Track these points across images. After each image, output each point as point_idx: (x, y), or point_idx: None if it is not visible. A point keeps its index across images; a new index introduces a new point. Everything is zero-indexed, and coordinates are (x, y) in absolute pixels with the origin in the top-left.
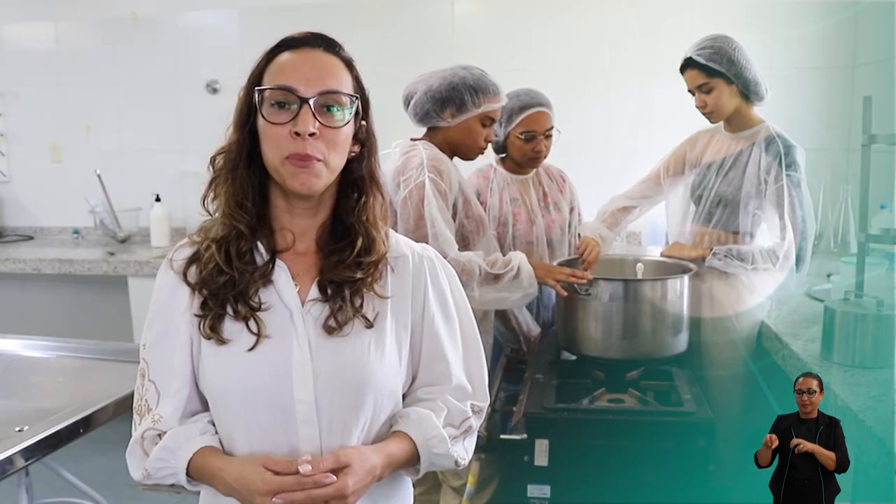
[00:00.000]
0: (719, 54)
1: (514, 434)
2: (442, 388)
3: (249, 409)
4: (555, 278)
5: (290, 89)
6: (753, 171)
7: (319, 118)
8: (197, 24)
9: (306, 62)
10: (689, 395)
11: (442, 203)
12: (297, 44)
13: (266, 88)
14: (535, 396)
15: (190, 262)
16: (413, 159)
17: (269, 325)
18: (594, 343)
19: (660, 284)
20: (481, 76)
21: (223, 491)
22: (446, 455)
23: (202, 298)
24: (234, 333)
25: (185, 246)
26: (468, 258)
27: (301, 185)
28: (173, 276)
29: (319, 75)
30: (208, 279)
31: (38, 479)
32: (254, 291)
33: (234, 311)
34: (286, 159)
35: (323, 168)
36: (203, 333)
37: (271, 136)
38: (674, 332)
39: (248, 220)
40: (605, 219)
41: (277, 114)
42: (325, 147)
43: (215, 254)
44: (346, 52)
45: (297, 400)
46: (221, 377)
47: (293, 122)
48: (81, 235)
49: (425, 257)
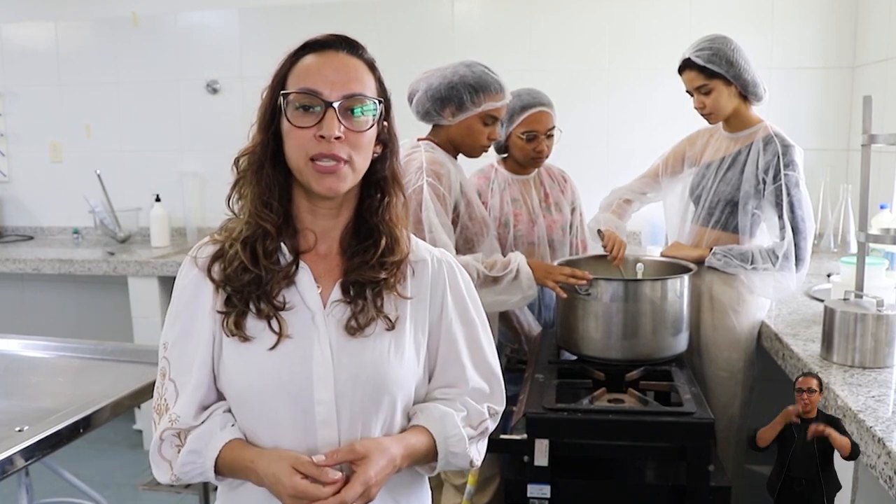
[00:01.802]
0: (718, 55)
1: (514, 434)
2: (459, 389)
3: (269, 408)
4: (554, 279)
5: (314, 93)
6: (752, 171)
7: (344, 121)
8: (197, 24)
9: (330, 65)
10: (689, 395)
11: (440, 208)
12: (321, 46)
13: (291, 92)
14: (535, 396)
15: (214, 259)
16: (412, 163)
17: (291, 326)
18: (594, 343)
19: (660, 284)
20: (482, 74)
21: (255, 482)
22: (463, 454)
23: (226, 295)
24: (257, 331)
25: (207, 244)
26: (465, 261)
27: (327, 189)
28: (197, 273)
29: (344, 78)
30: (233, 276)
31: (38, 479)
32: (277, 291)
33: (258, 309)
34: (310, 161)
35: (349, 171)
36: (226, 331)
37: (296, 138)
38: (674, 332)
39: (274, 220)
40: (614, 210)
41: (302, 117)
42: (351, 149)
43: (240, 252)
44: (368, 54)
45: (317, 401)
46: (242, 375)
47: (318, 126)
48: (81, 235)
49: (444, 262)
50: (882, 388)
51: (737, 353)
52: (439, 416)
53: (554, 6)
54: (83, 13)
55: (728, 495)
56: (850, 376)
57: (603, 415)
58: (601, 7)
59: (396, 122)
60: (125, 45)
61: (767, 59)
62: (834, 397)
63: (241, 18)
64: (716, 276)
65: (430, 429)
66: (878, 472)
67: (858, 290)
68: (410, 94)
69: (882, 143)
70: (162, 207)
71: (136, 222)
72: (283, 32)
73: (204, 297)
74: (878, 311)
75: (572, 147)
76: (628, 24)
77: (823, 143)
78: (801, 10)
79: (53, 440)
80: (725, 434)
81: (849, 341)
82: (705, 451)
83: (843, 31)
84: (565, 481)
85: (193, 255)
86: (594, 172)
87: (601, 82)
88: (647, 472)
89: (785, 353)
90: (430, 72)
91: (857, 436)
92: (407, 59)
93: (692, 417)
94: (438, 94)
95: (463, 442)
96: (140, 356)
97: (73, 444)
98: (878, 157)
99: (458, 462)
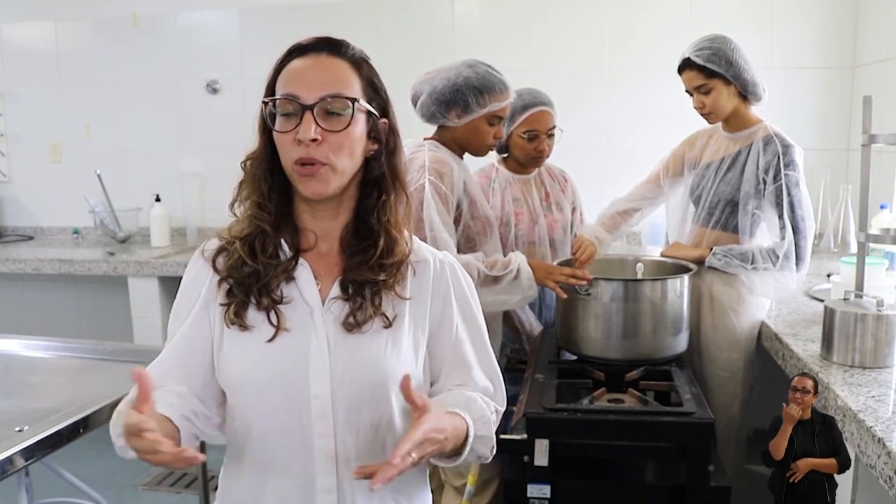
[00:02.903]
0: (717, 55)
1: (514, 434)
2: (468, 389)
3: (265, 399)
4: (554, 279)
5: (292, 97)
6: (752, 171)
7: (322, 123)
8: (197, 24)
9: (310, 68)
10: (689, 395)
11: (442, 206)
12: (305, 50)
13: (271, 99)
14: (535, 396)
15: (219, 252)
16: (415, 162)
17: (289, 320)
18: (594, 343)
19: (660, 284)
20: (486, 75)
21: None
22: (489, 437)
23: (228, 287)
24: (256, 322)
25: (215, 239)
26: (466, 261)
27: (311, 192)
28: (203, 264)
29: (323, 80)
30: (234, 269)
31: (38, 479)
32: (276, 285)
33: (257, 301)
34: (294, 165)
35: (329, 172)
36: (227, 320)
37: (281, 143)
38: (674, 332)
39: (269, 220)
40: (604, 221)
41: (285, 122)
42: (331, 151)
43: (239, 248)
44: (354, 52)
45: (313, 395)
46: (240, 365)
47: (296, 130)
48: (81, 235)
49: (447, 263)
50: (882, 388)
51: (737, 353)
52: (465, 401)
53: (554, 6)
54: (83, 13)
55: (728, 495)
56: (850, 376)
57: (603, 415)
58: (601, 7)
59: (400, 123)
60: (125, 45)
61: (767, 59)
62: (834, 397)
63: (241, 18)
64: (716, 276)
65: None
66: (878, 472)
67: (858, 290)
68: (414, 96)
69: (882, 143)
70: (162, 207)
71: (136, 222)
72: (283, 32)
73: (205, 293)
74: (878, 311)
75: (572, 147)
76: (628, 24)
77: (823, 143)
78: (801, 10)
79: (53, 440)
80: (725, 434)
81: (849, 341)
82: (705, 451)
83: (843, 31)
84: (565, 481)
85: (202, 248)
86: (594, 172)
87: (601, 82)
88: (647, 472)
89: (785, 353)
90: (432, 73)
91: (857, 436)
92: (407, 59)
93: (692, 417)
94: (443, 97)
95: (489, 424)
96: (140, 356)
97: (73, 444)
98: (878, 157)
99: (481, 449)
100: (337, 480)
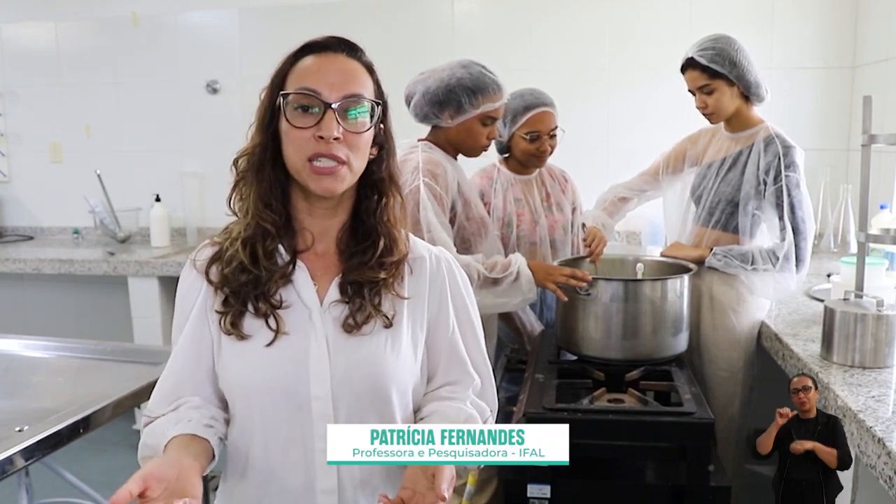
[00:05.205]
0: (721, 56)
1: None
2: (464, 386)
3: (266, 403)
4: (554, 281)
5: (314, 93)
6: (752, 171)
7: (342, 123)
8: (197, 24)
9: (330, 67)
10: (689, 395)
11: (438, 207)
12: (321, 48)
13: (290, 92)
14: (535, 396)
15: (212, 261)
16: (408, 163)
17: (288, 323)
18: (594, 343)
19: (660, 284)
20: (480, 76)
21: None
22: None
23: (223, 296)
24: (254, 329)
25: (207, 246)
26: (466, 262)
27: (324, 189)
28: (196, 275)
29: (343, 80)
30: (230, 277)
31: (38, 479)
32: (274, 290)
33: (255, 308)
34: (308, 162)
35: (346, 171)
36: (224, 329)
37: (294, 138)
38: (674, 332)
39: (275, 220)
40: (606, 207)
41: (301, 117)
42: (349, 150)
43: (240, 251)
44: (366, 57)
45: (313, 396)
46: (239, 372)
47: (317, 127)
48: (81, 235)
49: (442, 259)
50: (882, 388)
51: (737, 353)
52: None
53: (554, 6)
54: (83, 13)
55: (728, 495)
56: (850, 376)
57: (603, 415)
58: (601, 7)
59: (395, 123)
60: (125, 45)
61: (767, 59)
62: (834, 397)
63: (241, 18)
64: (716, 276)
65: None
66: (878, 472)
67: (858, 290)
68: (407, 96)
69: (882, 143)
70: (162, 207)
71: (136, 222)
72: (283, 32)
73: (201, 302)
74: (878, 311)
75: (572, 147)
76: (628, 24)
77: (823, 143)
78: (801, 10)
79: (53, 440)
80: (725, 434)
81: (849, 341)
82: (705, 451)
83: (843, 31)
84: (565, 481)
85: (193, 257)
86: (594, 172)
87: (601, 82)
88: (647, 472)
89: (785, 353)
90: (426, 73)
91: (857, 436)
92: (407, 59)
93: (692, 417)
94: (436, 97)
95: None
96: (140, 356)
97: (73, 444)
98: (878, 157)
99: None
100: (338, 481)
